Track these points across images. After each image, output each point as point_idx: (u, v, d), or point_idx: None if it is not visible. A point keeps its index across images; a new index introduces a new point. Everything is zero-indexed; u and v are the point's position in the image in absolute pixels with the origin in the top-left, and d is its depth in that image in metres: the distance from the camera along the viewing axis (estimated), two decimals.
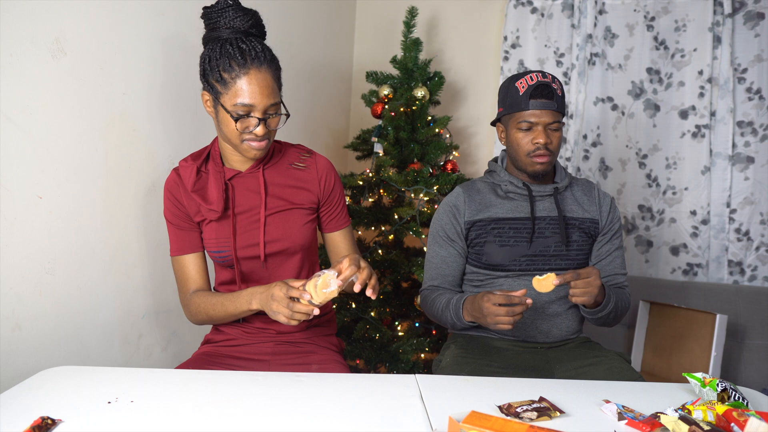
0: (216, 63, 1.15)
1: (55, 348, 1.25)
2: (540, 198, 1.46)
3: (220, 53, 1.15)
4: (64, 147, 1.23)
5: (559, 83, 1.42)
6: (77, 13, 1.23)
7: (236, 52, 1.14)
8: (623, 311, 1.44)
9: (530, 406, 0.94)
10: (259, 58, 1.15)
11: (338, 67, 2.75)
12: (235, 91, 1.14)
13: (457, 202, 1.49)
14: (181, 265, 1.32)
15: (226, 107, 1.16)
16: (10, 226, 1.12)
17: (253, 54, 1.14)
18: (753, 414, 0.89)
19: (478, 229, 1.45)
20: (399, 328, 2.16)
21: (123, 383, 1.01)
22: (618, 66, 2.44)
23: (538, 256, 1.43)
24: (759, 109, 2.27)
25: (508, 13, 2.55)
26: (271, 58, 1.19)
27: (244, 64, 1.13)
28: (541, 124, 1.38)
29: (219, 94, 1.17)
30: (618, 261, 1.50)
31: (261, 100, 1.15)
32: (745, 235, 2.30)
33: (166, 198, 1.30)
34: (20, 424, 0.82)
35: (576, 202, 1.48)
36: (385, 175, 2.15)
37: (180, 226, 1.30)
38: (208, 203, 1.25)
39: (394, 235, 2.22)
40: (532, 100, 1.38)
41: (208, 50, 1.18)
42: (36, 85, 1.15)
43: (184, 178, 1.27)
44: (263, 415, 0.91)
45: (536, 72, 1.41)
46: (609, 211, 1.50)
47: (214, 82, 1.17)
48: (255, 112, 1.16)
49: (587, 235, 1.47)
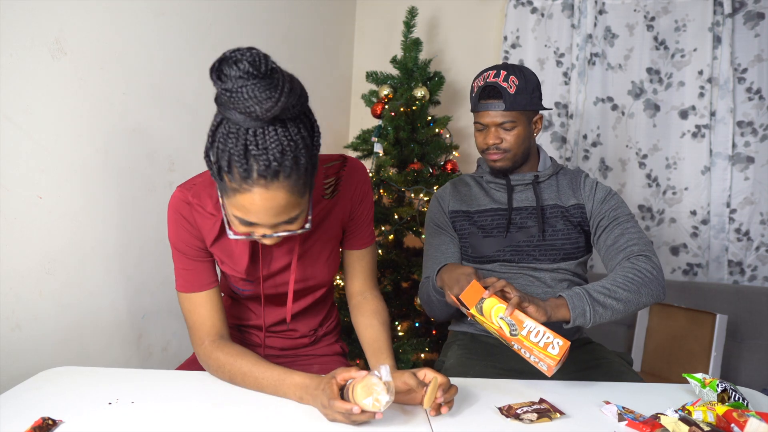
0: (220, 152, 0.83)
1: (55, 348, 1.24)
2: (520, 188, 1.46)
3: (224, 144, 0.81)
4: (64, 147, 1.23)
5: (520, 77, 1.36)
6: (77, 13, 1.23)
7: (241, 159, 0.81)
8: (639, 290, 1.21)
9: (530, 408, 0.94)
10: (269, 172, 0.82)
11: (338, 67, 2.75)
12: (235, 202, 0.87)
13: (443, 193, 1.54)
14: (194, 306, 1.09)
15: (226, 211, 0.93)
16: (10, 226, 1.12)
17: (262, 167, 0.81)
18: (753, 414, 0.89)
19: (461, 219, 1.48)
20: (399, 328, 2.16)
21: (123, 384, 1.01)
22: (618, 66, 2.44)
23: (521, 246, 1.42)
24: (759, 109, 2.27)
25: (508, 13, 2.55)
26: (296, 164, 0.83)
27: (246, 178, 0.82)
28: (492, 125, 1.39)
29: (224, 186, 0.87)
30: (627, 236, 1.32)
31: (267, 220, 0.88)
32: (745, 235, 2.30)
33: (173, 223, 1.06)
34: (21, 425, 0.82)
35: (559, 190, 1.46)
36: (385, 175, 2.15)
37: (191, 255, 1.08)
38: (234, 264, 1.10)
39: (394, 235, 2.22)
40: (482, 102, 1.39)
41: (216, 123, 0.84)
42: (36, 85, 1.15)
43: (203, 194, 1.05)
44: (263, 415, 0.92)
45: (492, 69, 1.39)
46: (601, 198, 1.40)
47: (216, 172, 0.86)
48: (260, 228, 0.91)
49: (572, 223, 1.41)
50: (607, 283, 1.21)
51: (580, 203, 1.43)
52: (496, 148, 1.40)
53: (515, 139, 1.39)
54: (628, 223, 1.36)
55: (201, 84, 1.65)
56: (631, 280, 1.22)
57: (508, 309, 1.05)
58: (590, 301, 1.15)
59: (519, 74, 1.37)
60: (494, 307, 1.07)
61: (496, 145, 1.40)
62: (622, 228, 1.35)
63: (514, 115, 1.37)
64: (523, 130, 1.40)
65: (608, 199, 1.41)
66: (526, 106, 1.38)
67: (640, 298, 1.22)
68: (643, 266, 1.24)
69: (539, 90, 1.42)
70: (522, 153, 1.43)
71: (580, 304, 1.15)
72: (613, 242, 1.34)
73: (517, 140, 1.40)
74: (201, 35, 1.64)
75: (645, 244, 1.31)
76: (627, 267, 1.25)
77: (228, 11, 1.76)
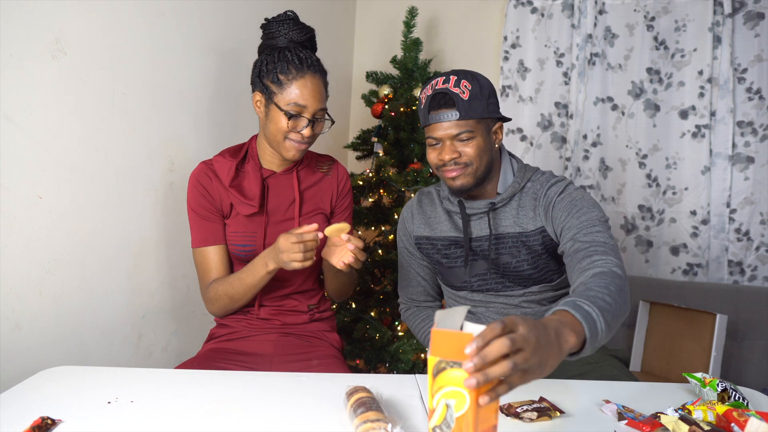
0: (273, 66, 1.27)
1: (55, 348, 1.24)
2: (477, 216, 1.32)
3: (278, 58, 1.27)
4: (64, 147, 1.23)
5: (473, 81, 1.21)
6: (77, 13, 1.23)
7: (294, 58, 1.27)
8: (616, 301, 0.94)
9: (530, 406, 0.94)
10: (314, 66, 1.29)
11: (338, 67, 2.75)
12: (291, 92, 1.26)
13: (408, 214, 1.45)
14: (204, 257, 1.35)
15: (279, 105, 1.26)
16: (10, 226, 1.12)
17: (309, 62, 1.28)
18: (753, 414, 0.89)
19: (426, 245, 1.40)
20: (399, 328, 2.15)
21: (123, 383, 1.01)
22: (618, 66, 2.44)
23: (487, 276, 1.33)
24: (759, 109, 2.27)
25: (508, 13, 2.55)
26: (324, 70, 1.33)
27: (301, 68, 1.26)
28: (446, 138, 1.23)
29: (273, 95, 1.27)
30: (586, 230, 1.14)
31: (313, 103, 1.27)
32: (745, 235, 2.30)
33: (193, 188, 1.34)
34: (20, 424, 0.82)
35: (519, 213, 1.29)
36: (385, 175, 2.15)
37: (205, 216, 1.34)
38: (247, 199, 1.32)
39: (394, 235, 2.22)
40: (432, 113, 1.23)
41: (265, 56, 1.30)
42: (36, 85, 1.15)
43: (220, 173, 1.33)
44: (263, 415, 0.91)
45: (440, 76, 1.24)
46: (552, 196, 1.25)
47: (269, 83, 1.27)
48: (305, 113, 1.27)
49: (533, 250, 1.27)
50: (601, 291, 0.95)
51: (539, 227, 1.27)
52: (455, 163, 1.23)
53: (475, 150, 1.22)
54: (566, 210, 1.21)
55: (201, 84, 1.65)
56: (614, 301, 0.94)
57: (486, 397, 0.65)
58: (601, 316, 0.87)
59: (471, 79, 1.22)
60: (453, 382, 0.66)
61: (454, 160, 1.23)
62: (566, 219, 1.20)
63: (471, 124, 1.21)
64: (482, 141, 1.23)
65: (557, 194, 1.24)
66: (483, 113, 1.22)
67: (622, 311, 0.97)
68: (616, 285, 0.99)
69: (495, 97, 1.26)
70: (485, 167, 1.25)
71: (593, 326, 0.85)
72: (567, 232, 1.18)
73: (478, 152, 1.23)
74: (201, 35, 1.64)
75: (604, 241, 1.13)
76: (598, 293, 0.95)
77: (228, 11, 1.76)
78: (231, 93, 1.76)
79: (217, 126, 1.73)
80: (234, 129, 1.77)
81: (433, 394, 0.68)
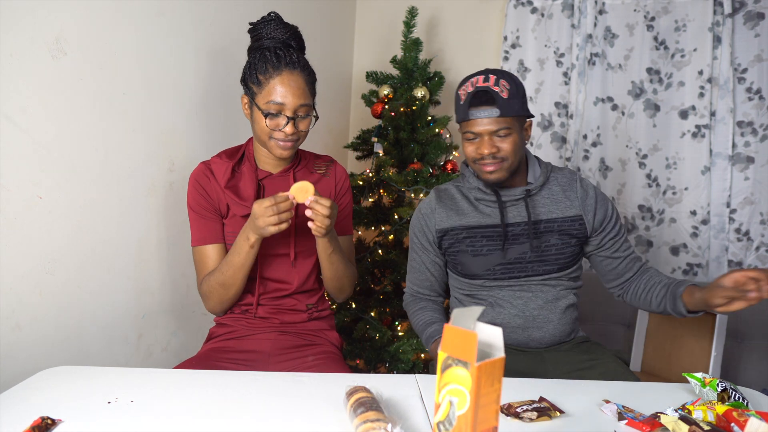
0: (255, 67, 1.28)
1: (55, 348, 1.25)
2: (511, 203, 1.39)
3: (259, 59, 1.28)
4: (64, 147, 1.23)
5: (510, 81, 1.30)
6: (77, 13, 1.23)
7: (272, 57, 1.27)
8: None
9: (530, 406, 0.94)
10: (293, 63, 1.28)
11: (338, 67, 2.75)
12: (268, 90, 1.26)
13: (428, 209, 1.46)
14: (202, 255, 1.36)
15: (259, 106, 1.27)
16: (10, 226, 1.12)
17: (287, 60, 1.27)
18: (753, 414, 0.89)
19: (450, 237, 1.41)
20: (399, 328, 2.15)
21: (123, 383, 1.01)
22: (618, 66, 2.44)
23: (513, 263, 1.38)
24: (759, 109, 2.27)
25: (508, 13, 2.55)
26: (305, 65, 1.32)
27: (278, 66, 1.26)
28: (485, 134, 1.29)
29: (254, 95, 1.29)
30: (630, 252, 1.45)
31: (291, 100, 1.26)
32: (745, 235, 2.30)
33: (193, 188, 1.35)
34: (20, 424, 0.82)
35: (553, 201, 1.39)
36: (385, 175, 2.15)
37: (204, 215, 1.35)
38: (242, 200, 1.33)
39: (394, 235, 2.22)
40: (472, 110, 1.29)
41: (251, 58, 1.32)
42: (36, 85, 1.15)
43: (217, 174, 1.34)
44: (263, 415, 0.91)
45: (479, 75, 1.31)
46: (599, 204, 1.41)
47: (252, 84, 1.29)
48: (285, 110, 1.27)
49: (569, 235, 1.38)
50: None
51: (578, 215, 1.39)
52: (493, 158, 1.30)
53: (511, 146, 1.30)
54: (617, 232, 1.44)
55: (201, 84, 1.65)
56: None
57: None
58: None
59: (509, 78, 1.30)
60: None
61: (492, 155, 1.30)
62: (620, 241, 1.44)
63: (509, 121, 1.29)
64: (517, 137, 1.31)
65: (601, 203, 1.42)
66: (519, 111, 1.30)
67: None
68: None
69: (526, 96, 1.36)
70: (518, 162, 1.35)
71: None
72: (620, 253, 1.43)
73: (514, 148, 1.31)
74: (201, 35, 1.64)
75: (638, 256, 1.47)
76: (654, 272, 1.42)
77: (228, 11, 1.76)
78: (231, 93, 1.76)
79: (218, 126, 1.73)
80: (235, 129, 1.77)
81: (440, 389, 0.69)
